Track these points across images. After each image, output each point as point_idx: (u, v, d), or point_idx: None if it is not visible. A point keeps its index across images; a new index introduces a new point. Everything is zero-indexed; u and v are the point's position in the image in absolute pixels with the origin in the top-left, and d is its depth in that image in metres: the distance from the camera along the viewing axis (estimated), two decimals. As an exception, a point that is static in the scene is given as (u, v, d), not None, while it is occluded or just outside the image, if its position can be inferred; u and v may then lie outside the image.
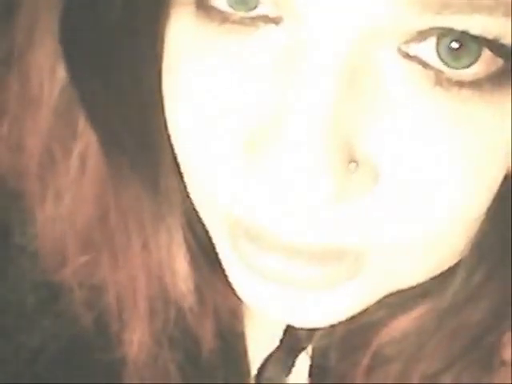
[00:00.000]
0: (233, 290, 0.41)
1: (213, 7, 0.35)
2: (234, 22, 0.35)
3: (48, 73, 0.43)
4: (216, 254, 0.41)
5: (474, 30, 0.33)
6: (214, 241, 0.41)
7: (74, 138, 0.44)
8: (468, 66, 0.34)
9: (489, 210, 0.37)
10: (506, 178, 0.37)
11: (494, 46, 0.33)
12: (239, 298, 0.41)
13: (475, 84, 0.34)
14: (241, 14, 0.35)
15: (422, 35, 0.33)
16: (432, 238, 0.37)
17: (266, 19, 0.35)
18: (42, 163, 0.45)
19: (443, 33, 0.33)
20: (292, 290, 0.38)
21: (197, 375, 0.49)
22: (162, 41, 0.39)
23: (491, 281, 0.40)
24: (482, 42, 0.33)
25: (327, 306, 0.39)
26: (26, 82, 0.44)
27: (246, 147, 0.35)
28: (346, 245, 0.36)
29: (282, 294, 0.38)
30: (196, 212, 0.42)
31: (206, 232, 0.42)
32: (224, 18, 0.35)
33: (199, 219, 0.42)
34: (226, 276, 0.41)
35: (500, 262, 0.40)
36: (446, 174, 0.35)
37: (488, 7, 0.32)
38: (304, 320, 0.40)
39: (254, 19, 0.35)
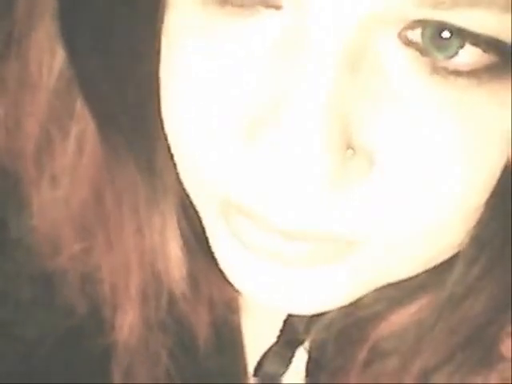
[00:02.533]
0: (228, 280, 0.40)
1: None
2: (234, 4, 0.35)
3: (47, 54, 0.43)
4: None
5: (472, 26, 0.32)
6: (205, 221, 0.40)
7: (72, 120, 0.44)
8: (451, 57, 0.33)
9: (488, 201, 0.37)
10: (505, 169, 0.36)
11: (492, 43, 0.33)
12: (235, 290, 0.41)
13: (472, 74, 0.33)
14: None
15: (419, 24, 0.33)
16: (427, 227, 0.36)
17: (267, 4, 0.34)
18: (40, 145, 0.45)
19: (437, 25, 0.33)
20: (284, 270, 0.37)
21: (190, 362, 0.48)
22: (162, 22, 0.38)
23: (490, 274, 0.40)
24: (483, 40, 0.33)
25: (319, 291, 0.38)
26: (25, 63, 0.44)
27: (242, 131, 0.35)
28: (339, 232, 0.36)
29: (273, 274, 0.38)
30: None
31: (201, 218, 0.41)
32: (225, 0, 0.35)
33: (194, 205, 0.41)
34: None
35: (499, 255, 0.39)
36: (442, 163, 0.34)
37: (486, 2, 0.31)
38: (295, 305, 0.39)
39: (254, 2, 0.35)
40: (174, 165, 0.41)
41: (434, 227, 0.36)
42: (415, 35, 0.33)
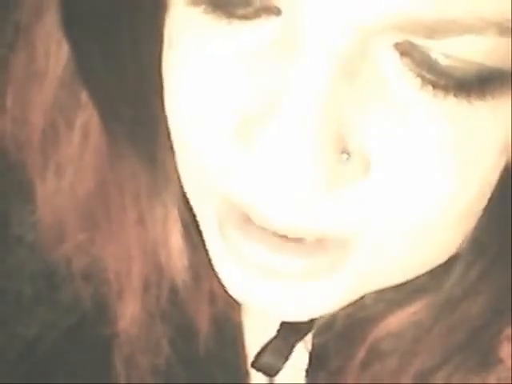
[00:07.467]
0: None
1: None
2: (235, 9, 0.35)
3: (54, 44, 0.43)
4: None
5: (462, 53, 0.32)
6: (203, 229, 0.41)
7: (77, 110, 0.44)
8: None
9: (487, 205, 0.37)
10: (504, 173, 0.36)
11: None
12: None
13: (462, 87, 0.33)
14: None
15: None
16: (421, 231, 0.36)
17: (267, 10, 0.34)
18: (45, 134, 0.46)
19: None
20: (276, 282, 0.37)
21: (191, 352, 0.49)
22: (164, 16, 0.38)
23: (488, 277, 0.40)
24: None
25: (313, 300, 0.38)
26: (32, 53, 0.44)
27: (238, 130, 0.35)
28: (333, 233, 0.36)
29: (265, 286, 0.38)
30: None
31: None
32: (226, 5, 0.35)
33: None
34: None
35: (497, 257, 0.39)
36: (437, 167, 0.34)
37: (478, 27, 0.31)
38: (288, 313, 0.39)
39: (255, 8, 0.34)
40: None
41: (426, 229, 0.36)
42: (410, 47, 0.33)
